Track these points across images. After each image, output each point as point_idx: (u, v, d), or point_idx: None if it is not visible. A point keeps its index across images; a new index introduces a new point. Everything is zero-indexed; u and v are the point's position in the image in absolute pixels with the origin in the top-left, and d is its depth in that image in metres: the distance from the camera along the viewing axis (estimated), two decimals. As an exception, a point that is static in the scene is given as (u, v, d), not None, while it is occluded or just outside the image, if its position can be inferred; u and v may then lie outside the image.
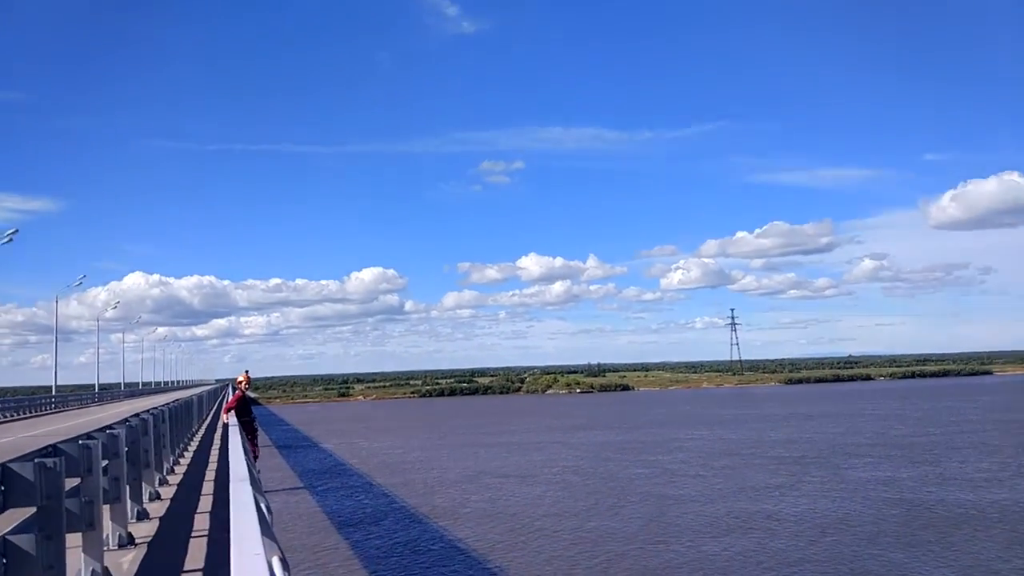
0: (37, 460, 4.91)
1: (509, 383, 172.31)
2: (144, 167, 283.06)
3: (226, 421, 18.56)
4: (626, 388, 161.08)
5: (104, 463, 6.95)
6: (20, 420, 36.14)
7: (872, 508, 27.14)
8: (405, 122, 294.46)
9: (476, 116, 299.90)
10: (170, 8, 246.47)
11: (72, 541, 5.40)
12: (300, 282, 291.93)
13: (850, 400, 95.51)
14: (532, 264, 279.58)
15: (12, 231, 45.53)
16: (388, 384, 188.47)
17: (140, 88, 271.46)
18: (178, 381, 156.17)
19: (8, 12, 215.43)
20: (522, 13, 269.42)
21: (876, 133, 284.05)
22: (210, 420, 33.60)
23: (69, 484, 5.54)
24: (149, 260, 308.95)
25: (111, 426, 8.51)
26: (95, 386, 77.01)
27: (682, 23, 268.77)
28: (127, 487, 8.13)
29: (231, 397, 20.13)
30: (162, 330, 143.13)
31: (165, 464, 13.26)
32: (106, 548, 6.88)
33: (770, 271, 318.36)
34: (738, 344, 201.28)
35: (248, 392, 19.72)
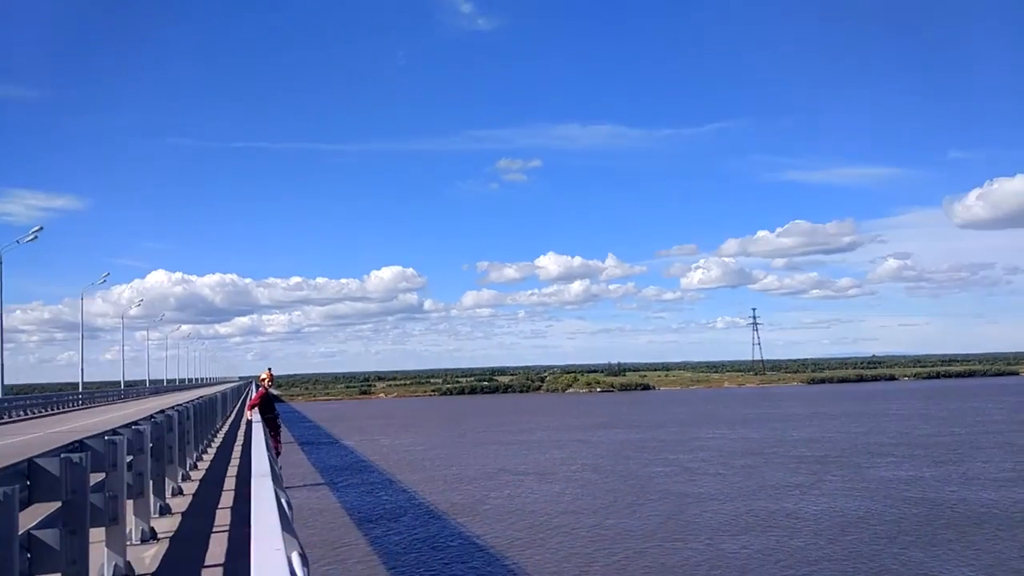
0: (63, 455, 5.01)
1: (529, 382, 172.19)
2: (166, 165, 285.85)
3: (249, 418, 18.80)
4: (646, 387, 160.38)
5: (129, 459, 7.07)
6: (48, 416, 36.67)
7: (893, 507, 26.94)
8: (421, 120, 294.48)
9: (492, 114, 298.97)
10: (192, 6, 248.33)
11: (95, 536, 5.52)
12: (320, 280, 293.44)
13: (873, 400, 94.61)
14: (551, 263, 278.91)
15: (37, 229, 46.12)
16: (409, 382, 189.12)
17: (163, 85, 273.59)
18: (202, 378, 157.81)
19: (26, 10, 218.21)
20: (538, 9, 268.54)
21: (900, 130, 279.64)
22: (233, 417, 33.95)
23: (94, 479, 5.64)
24: (171, 258, 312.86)
25: (136, 422, 8.66)
26: (121, 383, 77.98)
27: (702, 19, 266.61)
28: (151, 482, 8.26)
29: (254, 394, 20.38)
30: (186, 328, 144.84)
31: (188, 460, 13.44)
32: (129, 543, 7.01)
33: (792, 270, 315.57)
34: (760, 344, 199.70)
35: (271, 389, 19.97)
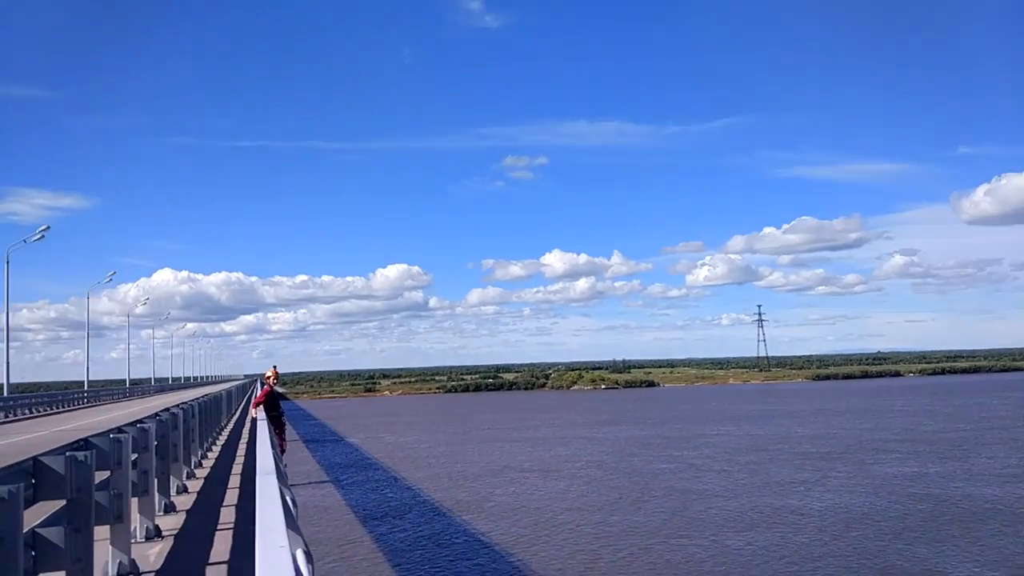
0: (68, 453, 5.01)
1: (534, 379, 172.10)
2: (171, 164, 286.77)
3: (254, 415, 18.80)
4: (651, 384, 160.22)
5: (133, 457, 7.08)
6: (53, 415, 36.77)
7: (898, 503, 26.90)
8: (427, 118, 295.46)
9: (499, 111, 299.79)
10: (197, 5, 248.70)
11: (100, 533, 5.52)
12: (326, 279, 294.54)
13: (878, 396, 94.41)
14: (556, 261, 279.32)
15: (43, 228, 46.16)
16: (414, 380, 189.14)
17: (168, 84, 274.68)
18: (207, 376, 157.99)
19: (31, 10, 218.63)
20: (545, 7, 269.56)
21: (908, 126, 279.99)
22: (239, 415, 33.99)
23: (99, 477, 5.64)
24: (177, 256, 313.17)
25: (141, 420, 8.67)
26: (126, 381, 78.15)
27: (708, 16, 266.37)
28: (155, 480, 8.26)
29: (259, 392, 20.38)
30: (191, 326, 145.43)
31: (193, 458, 13.45)
32: (133, 540, 7.02)
33: (798, 267, 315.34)
34: (765, 340, 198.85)
35: (276, 387, 19.95)
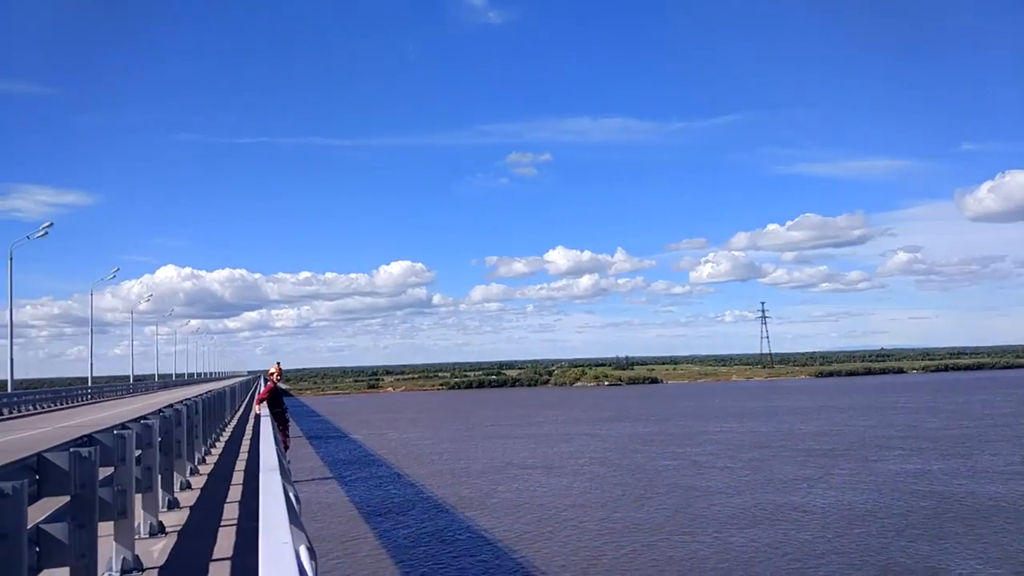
0: (72, 449, 5.02)
1: (537, 376, 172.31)
2: (174, 161, 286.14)
3: (258, 412, 18.82)
4: (654, 381, 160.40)
5: (137, 453, 7.08)
6: (57, 411, 36.85)
7: (901, 500, 26.88)
8: (431, 115, 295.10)
9: (503, 108, 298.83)
10: (200, 2, 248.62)
11: (104, 530, 5.53)
12: (330, 275, 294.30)
13: (882, 393, 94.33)
14: (559, 258, 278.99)
15: (47, 225, 46.22)
16: (417, 376, 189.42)
17: (171, 81, 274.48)
18: (211, 373, 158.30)
19: (34, 7, 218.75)
20: (548, 3, 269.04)
21: (911, 123, 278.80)
22: (242, 411, 34.03)
23: (103, 473, 5.66)
24: (180, 253, 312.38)
25: (145, 416, 8.68)
26: (130, 377, 78.29)
27: (712, 12, 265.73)
28: (159, 476, 8.27)
29: (263, 388, 20.40)
30: (195, 322, 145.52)
31: (197, 454, 13.47)
32: (137, 536, 7.04)
33: (802, 264, 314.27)
34: (768, 337, 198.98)
35: (280, 384, 19.98)
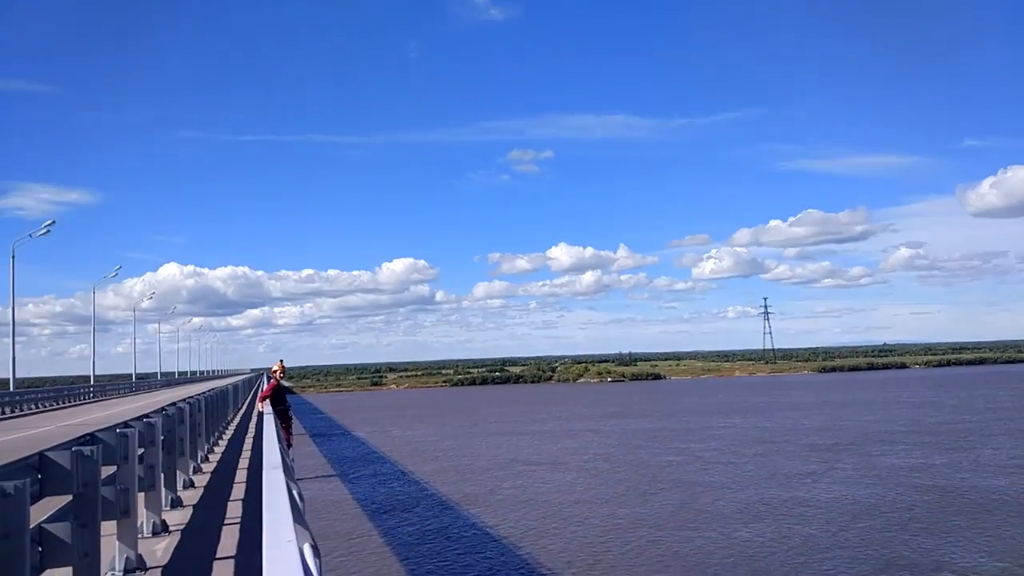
0: (74, 448, 4.98)
1: (540, 372, 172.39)
2: (177, 158, 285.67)
3: (261, 409, 18.81)
4: (658, 377, 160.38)
5: (140, 451, 7.05)
6: (59, 409, 36.87)
7: (904, 495, 26.85)
8: (433, 112, 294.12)
9: (504, 105, 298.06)
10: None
11: (106, 529, 5.51)
12: (332, 272, 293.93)
13: (884, 388, 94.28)
14: (562, 254, 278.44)
15: (49, 223, 46.18)
16: (420, 373, 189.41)
17: (173, 79, 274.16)
18: (213, 371, 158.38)
19: (37, 6, 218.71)
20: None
21: (914, 119, 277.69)
22: (245, 408, 34.03)
23: (105, 472, 5.63)
24: (183, 251, 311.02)
25: (148, 415, 8.65)
26: (132, 376, 78.36)
27: (714, 8, 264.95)
28: (162, 475, 8.24)
29: (266, 386, 20.40)
30: (197, 320, 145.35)
31: (200, 452, 13.45)
32: (140, 535, 7.02)
33: (804, 260, 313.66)
34: (771, 333, 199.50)
35: (282, 381, 19.96)
